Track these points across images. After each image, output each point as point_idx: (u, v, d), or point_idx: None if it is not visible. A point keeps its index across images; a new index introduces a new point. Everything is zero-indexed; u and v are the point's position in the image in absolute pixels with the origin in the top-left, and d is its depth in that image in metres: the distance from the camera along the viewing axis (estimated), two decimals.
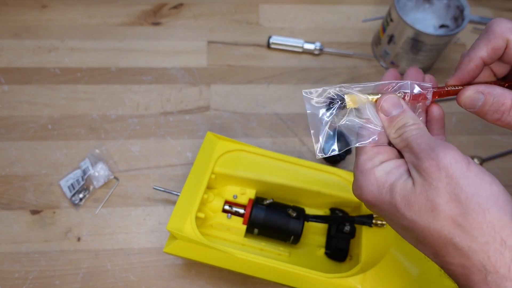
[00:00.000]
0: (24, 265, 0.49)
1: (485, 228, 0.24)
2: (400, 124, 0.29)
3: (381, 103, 0.30)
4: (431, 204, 0.25)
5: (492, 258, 0.24)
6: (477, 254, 0.24)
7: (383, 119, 0.30)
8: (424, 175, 0.26)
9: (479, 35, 0.31)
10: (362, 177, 0.29)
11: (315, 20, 0.69)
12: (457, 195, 0.25)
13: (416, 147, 0.27)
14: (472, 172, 0.25)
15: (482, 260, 0.24)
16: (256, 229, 0.46)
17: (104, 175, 0.53)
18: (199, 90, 0.61)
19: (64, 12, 0.66)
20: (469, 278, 0.25)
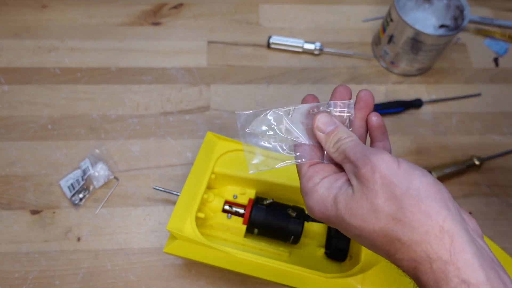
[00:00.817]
0: (24, 265, 0.49)
1: (422, 218, 0.25)
2: (335, 139, 0.31)
3: (316, 122, 0.31)
4: (372, 206, 0.26)
5: (434, 246, 0.24)
6: (420, 244, 0.25)
7: (320, 136, 0.31)
8: (362, 180, 0.27)
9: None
10: (307, 197, 0.30)
11: (315, 20, 0.69)
12: (393, 192, 0.26)
13: (352, 156, 0.28)
14: (402, 169, 0.26)
15: (425, 250, 0.25)
16: (256, 229, 0.46)
17: (104, 175, 0.53)
18: (199, 90, 0.61)
19: (64, 12, 0.66)
20: (419, 270, 0.25)
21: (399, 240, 0.26)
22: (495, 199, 0.56)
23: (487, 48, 0.69)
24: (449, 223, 0.25)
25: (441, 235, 0.25)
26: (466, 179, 0.57)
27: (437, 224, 0.25)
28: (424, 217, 0.25)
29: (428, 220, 0.25)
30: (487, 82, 0.65)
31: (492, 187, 0.57)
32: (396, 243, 0.26)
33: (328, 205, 0.28)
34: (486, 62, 0.67)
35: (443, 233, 0.25)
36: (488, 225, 0.54)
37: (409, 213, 0.25)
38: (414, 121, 0.61)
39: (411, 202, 0.25)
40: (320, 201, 0.29)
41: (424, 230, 0.25)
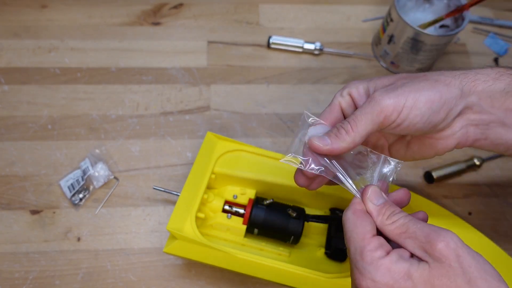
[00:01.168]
0: (24, 265, 0.49)
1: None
2: (389, 212, 0.30)
3: (367, 194, 0.32)
4: (455, 285, 0.26)
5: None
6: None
7: (372, 207, 0.31)
8: (439, 257, 0.27)
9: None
10: (372, 268, 0.28)
11: (315, 20, 0.69)
12: (471, 273, 0.26)
13: (419, 231, 0.28)
14: (475, 253, 0.27)
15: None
16: (256, 229, 0.46)
17: (104, 175, 0.53)
18: (199, 90, 0.61)
19: (64, 12, 0.66)
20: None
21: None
22: (495, 199, 0.56)
23: (487, 48, 0.69)
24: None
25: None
26: (466, 179, 0.57)
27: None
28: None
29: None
30: None
31: (492, 187, 0.57)
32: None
33: (400, 280, 0.28)
34: (486, 62, 0.67)
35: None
36: (488, 225, 0.54)
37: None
38: None
39: (487, 285, 0.26)
40: (387, 274, 0.28)
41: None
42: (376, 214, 0.31)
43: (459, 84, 0.33)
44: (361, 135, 0.33)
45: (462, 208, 0.55)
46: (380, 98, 0.32)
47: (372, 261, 0.28)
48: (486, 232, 0.52)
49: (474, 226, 0.48)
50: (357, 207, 0.32)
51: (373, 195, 0.32)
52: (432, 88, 0.33)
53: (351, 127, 0.33)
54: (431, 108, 0.32)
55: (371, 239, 0.29)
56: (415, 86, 0.33)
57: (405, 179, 0.56)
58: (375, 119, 0.32)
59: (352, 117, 0.33)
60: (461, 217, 0.53)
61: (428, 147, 0.37)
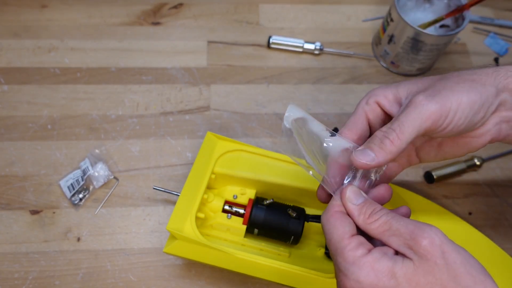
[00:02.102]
0: (23, 265, 0.49)
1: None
2: (369, 210, 0.30)
3: (347, 194, 0.31)
4: (441, 282, 0.26)
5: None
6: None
7: (352, 208, 0.31)
8: (423, 253, 0.27)
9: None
10: (355, 268, 0.28)
11: (315, 20, 0.69)
12: (457, 270, 0.26)
13: (403, 228, 0.28)
14: (461, 249, 0.27)
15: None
16: (256, 229, 0.46)
17: (104, 175, 0.53)
18: (199, 90, 0.61)
19: (64, 12, 0.66)
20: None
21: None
22: (495, 199, 0.56)
23: (487, 48, 0.68)
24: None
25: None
26: (466, 179, 0.57)
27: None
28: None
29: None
30: None
31: (492, 187, 0.57)
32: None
33: (384, 278, 0.27)
34: (486, 62, 0.67)
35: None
36: (488, 225, 0.54)
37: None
38: None
39: (476, 283, 0.26)
40: (371, 273, 0.27)
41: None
42: (357, 214, 0.30)
43: (493, 81, 0.33)
44: (406, 143, 0.31)
45: (462, 208, 0.55)
46: (426, 103, 0.31)
47: (354, 261, 0.28)
48: (486, 232, 0.52)
49: (474, 226, 0.48)
50: (335, 209, 0.31)
51: (352, 195, 0.31)
52: (471, 88, 0.32)
53: (397, 135, 0.31)
54: (473, 108, 0.32)
55: (350, 238, 0.29)
56: (455, 88, 0.32)
57: (405, 179, 0.56)
58: (422, 125, 0.31)
59: (396, 123, 0.31)
60: (461, 217, 0.53)
61: (462, 146, 0.36)
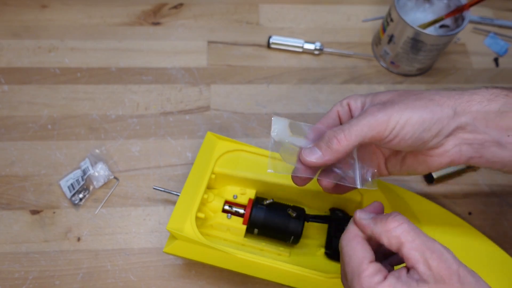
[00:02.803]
0: (24, 265, 0.49)
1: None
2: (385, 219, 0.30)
3: (357, 214, 0.32)
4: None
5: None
6: None
7: (366, 221, 0.31)
8: (442, 276, 0.27)
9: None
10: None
11: (315, 20, 0.69)
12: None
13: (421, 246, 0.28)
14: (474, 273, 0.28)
15: None
16: (256, 229, 0.46)
17: (104, 175, 0.53)
18: (199, 90, 0.61)
19: (64, 12, 0.66)
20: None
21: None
22: (495, 199, 0.56)
23: (487, 48, 0.69)
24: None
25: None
26: (466, 179, 0.57)
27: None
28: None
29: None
30: (487, 82, 0.65)
31: (492, 187, 0.57)
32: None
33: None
34: (486, 62, 0.67)
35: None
36: (488, 225, 0.54)
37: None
38: None
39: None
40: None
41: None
42: (374, 223, 0.30)
43: (453, 104, 0.35)
44: (352, 145, 0.34)
45: (462, 208, 0.55)
46: (375, 112, 0.34)
47: (370, 287, 0.28)
48: (486, 232, 0.52)
49: (474, 226, 0.48)
50: (356, 233, 0.32)
51: (362, 215, 0.32)
52: (425, 107, 0.34)
53: (345, 136, 0.34)
54: (422, 126, 0.34)
55: (369, 264, 0.29)
56: (410, 104, 0.34)
57: (405, 179, 0.56)
58: (367, 132, 0.34)
59: (346, 126, 0.34)
60: (461, 217, 0.53)
61: (422, 163, 0.38)
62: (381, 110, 0.34)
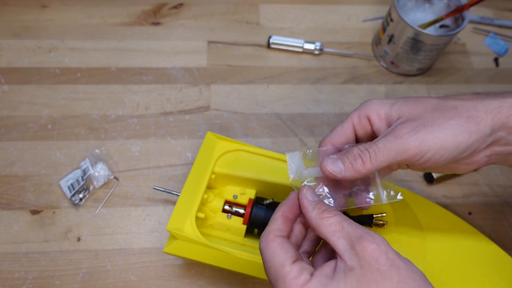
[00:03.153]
0: (24, 265, 0.49)
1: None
2: (324, 208, 0.30)
3: (304, 191, 0.31)
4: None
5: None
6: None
7: (307, 203, 0.31)
8: (369, 260, 0.27)
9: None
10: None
11: (315, 20, 0.69)
12: (400, 277, 0.26)
13: (353, 232, 0.28)
14: (404, 258, 0.27)
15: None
16: (256, 229, 0.46)
17: (104, 175, 0.53)
18: (199, 90, 0.61)
19: (64, 12, 0.66)
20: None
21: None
22: (495, 199, 0.56)
23: (487, 48, 0.69)
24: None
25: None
26: (466, 179, 0.57)
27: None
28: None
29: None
30: (487, 82, 0.65)
31: (492, 187, 0.57)
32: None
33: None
34: (486, 62, 0.67)
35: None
36: (488, 225, 0.54)
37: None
38: None
39: (416, 285, 0.26)
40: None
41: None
42: (312, 209, 0.30)
43: (490, 122, 0.32)
44: (377, 168, 0.32)
45: (462, 208, 0.55)
46: (406, 138, 0.31)
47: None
48: (486, 232, 0.52)
49: (474, 226, 0.48)
50: (276, 234, 0.30)
51: (308, 193, 0.31)
52: (461, 126, 0.32)
53: (370, 159, 0.31)
54: (457, 149, 0.32)
55: (292, 265, 0.28)
56: (444, 125, 0.32)
57: (405, 179, 0.56)
58: (397, 157, 0.31)
59: (373, 147, 0.32)
60: (461, 217, 0.53)
61: (446, 169, 0.36)
62: (411, 133, 0.31)
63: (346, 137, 0.35)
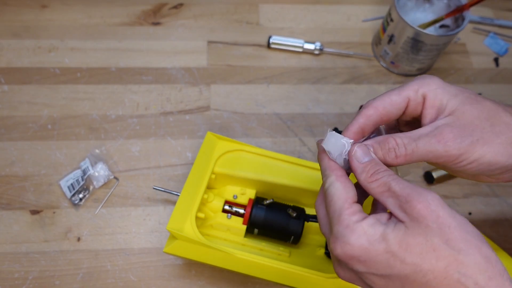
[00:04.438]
0: (24, 265, 0.49)
1: (483, 265, 0.25)
2: (373, 170, 0.30)
3: (353, 152, 0.31)
4: (431, 244, 0.26)
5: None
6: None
7: (356, 166, 0.30)
8: (417, 217, 0.26)
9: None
10: (348, 231, 0.28)
11: (315, 20, 0.69)
12: (451, 234, 0.26)
13: (400, 190, 0.28)
14: (458, 216, 0.27)
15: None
16: (256, 229, 0.46)
17: (104, 175, 0.53)
18: (199, 90, 0.61)
19: (64, 12, 0.66)
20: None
21: (463, 284, 0.25)
22: (495, 199, 0.56)
23: (487, 48, 0.69)
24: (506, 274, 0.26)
25: (505, 282, 0.25)
26: (466, 179, 0.57)
27: (498, 272, 0.25)
28: (485, 264, 0.25)
29: (489, 267, 0.25)
30: (487, 82, 0.65)
31: (492, 187, 0.57)
32: (456, 285, 0.26)
33: (375, 242, 0.27)
34: (486, 62, 0.67)
35: (504, 280, 0.25)
36: (488, 225, 0.54)
37: (469, 259, 0.25)
38: None
39: (471, 247, 0.25)
40: (364, 237, 0.27)
41: (487, 276, 0.25)
42: (360, 172, 0.30)
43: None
44: (408, 163, 0.31)
45: (462, 208, 0.55)
46: (450, 145, 0.30)
47: (348, 225, 0.28)
48: (486, 232, 0.52)
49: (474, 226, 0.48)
50: (340, 173, 0.31)
51: (359, 153, 0.31)
52: (505, 150, 0.31)
53: (405, 155, 0.31)
54: (491, 166, 0.31)
55: (351, 204, 0.29)
56: (490, 142, 0.31)
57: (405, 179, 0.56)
58: (432, 159, 0.31)
59: (412, 146, 0.31)
60: None
61: (470, 177, 0.36)
62: (457, 141, 0.30)
63: (396, 109, 0.33)
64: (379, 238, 0.27)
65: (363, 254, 0.27)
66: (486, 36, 0.70)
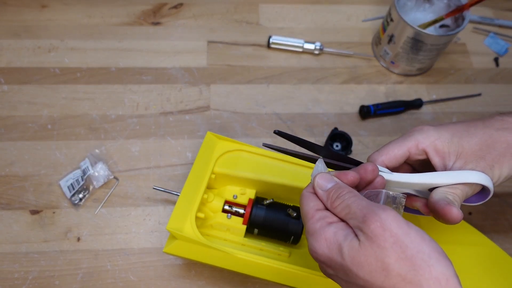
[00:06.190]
0: (23, 265, 0.49)
1: (432, 284, 0.26)
2: (335, 195, 0.31)
3: (316, 180, 0.33)
4: (381, 264, 0.26)
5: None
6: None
7: (321, 194, 0.32)
8: (371, 236, 0.27)
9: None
10: (313, 238, 0.30)
11: (315, 20, 0.69)
12: (404, 253, 0.26)
13: (358, 211, 0.29)
14: (413, 230, 0.27)
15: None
16: (256, 229, 0.46)
17: (104, 175, 0.53)
18: (199, 90, 0.61)
19: (64, 12, 0.66)
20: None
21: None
22: (495, 199, 0.56)
23: (487, 48, 0.68)
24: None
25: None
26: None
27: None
28: (435, 283, 0.25)
29: (438, 286, 0.25)
30: (487, 82, 0.65)
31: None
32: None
33: (333, 251, 0.29)
34: (486, 62, 0.67)
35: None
36: (488, 225, 0.54)
37: (420, 276, 0.26)
38: (415, 121, 0.61)
39: (423, 266, 0.26)
40: (325, 244, 0.29)
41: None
42: (325, 200, 0.32)
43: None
44: None
45: (462, 208, 0.55)
46: (470, 180, 0.35)
47: (313, 232, 0.30)
48: (486, 232, 0.52)
49: (474, 226, 0.48)
50: (308, 190, 0.33)
51: (320, 181, 0.32)
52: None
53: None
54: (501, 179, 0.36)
55: (314, 212, 0.31)
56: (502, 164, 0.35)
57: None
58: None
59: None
60: None
61: None
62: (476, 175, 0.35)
63: (397, 162, 0.36)
64: (337, 248, 0.29)
65: (327, 260, 0.29)
66: (486, 36, 0.70)
